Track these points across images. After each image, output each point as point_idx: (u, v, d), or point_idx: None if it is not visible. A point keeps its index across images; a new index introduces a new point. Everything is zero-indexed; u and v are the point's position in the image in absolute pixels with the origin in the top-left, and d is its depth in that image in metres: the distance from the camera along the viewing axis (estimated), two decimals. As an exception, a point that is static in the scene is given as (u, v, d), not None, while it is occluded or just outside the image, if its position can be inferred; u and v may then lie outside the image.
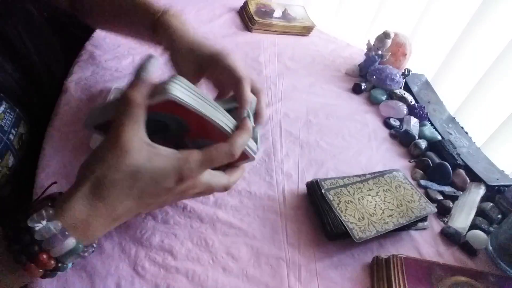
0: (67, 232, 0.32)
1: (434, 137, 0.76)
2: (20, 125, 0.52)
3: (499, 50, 0.90)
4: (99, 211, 0.34)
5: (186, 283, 0.43)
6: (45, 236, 0.31)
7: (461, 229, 0.58)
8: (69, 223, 0.33)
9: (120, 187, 0.34)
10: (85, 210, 0.33)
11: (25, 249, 0.31)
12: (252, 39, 0.93)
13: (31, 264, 0.32)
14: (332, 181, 0.57)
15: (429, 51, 1.08)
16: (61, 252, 0.32)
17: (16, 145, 0.51)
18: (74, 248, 0.33)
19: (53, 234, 0.32)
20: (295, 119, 0.72)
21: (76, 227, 0.33)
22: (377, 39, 0.87)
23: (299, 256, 0.49)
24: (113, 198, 0.34)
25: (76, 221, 0.33)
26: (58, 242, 0.32)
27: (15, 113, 0.51)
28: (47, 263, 0.32)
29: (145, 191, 0.35)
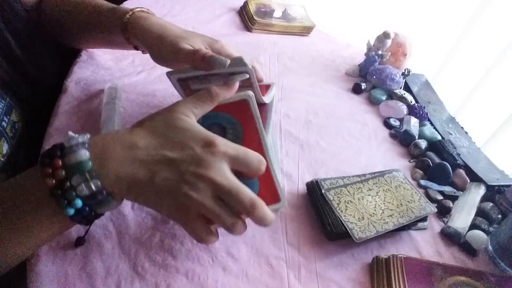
0: (86, 144, 0.34)
1: (434, 137, 0.76)
2: (12, 113, 0.52)
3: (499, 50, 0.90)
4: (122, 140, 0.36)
5: (186, 283, 0.43)
6: (71, 142, 0.34)
7: (461, 229, 0.58)
8: (93, 140, 0.35)
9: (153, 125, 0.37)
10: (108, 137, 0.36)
11: (51, 152, 0.34)
12: (252, 39, 0.93)
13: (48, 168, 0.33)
14: (332, 181, 0.57)
15: (429, 51, 1.08)
16: (73, 161, 0.33)
17: (9, 133, 0.51)
18: (83, 162, 0.33)
19: (76, 142, 0.34)
20: (295, 119, 0.72)
21: (96, 145, 0.35)
22: (377, 39, 0.87)
23: (299, 256, 0.49)
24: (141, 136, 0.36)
25: (99, 141, 0.35)
26: (75, 149, 0.34)
27: (6, 101, 0.51)
28: (58, 169, 0.33)
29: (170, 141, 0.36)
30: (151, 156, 0.35)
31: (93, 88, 0.64)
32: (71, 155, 0.33)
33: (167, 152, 0.36)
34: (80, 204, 0.33)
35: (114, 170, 0.34)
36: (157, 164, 0.35)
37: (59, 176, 0.33)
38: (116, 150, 0.35)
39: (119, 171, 0.34)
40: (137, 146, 0.35)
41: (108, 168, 0.34)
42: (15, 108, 0.53)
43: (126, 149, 0.35)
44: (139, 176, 0.35)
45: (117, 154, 0.35)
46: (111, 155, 0.35)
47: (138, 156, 0.35)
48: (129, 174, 0.35)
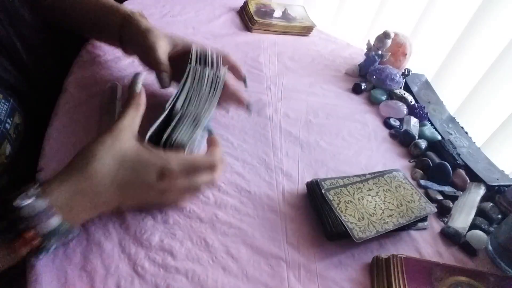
0: (53, 210, 0.34)
1: (434, 137, 0.76)
2: (15, 115, 0.52)
3: (499, 50, 0.90)
4: (84, 190, 0.36)
5: (186, 283, 0.43)
6: (31, 213, 0.33)
7: (461, 229, 0.58)
8: (55, 202, 0.35)
9: (107, 169, 0.37)
10: (70, 188, 0.36)
11: (13, 226, 0.33)
12: (252, 39, 0.93)
13: (18, 241, 0.33)
14: (332, 181, 0.57)
15: (429, 51, 1.08)
16: (47, 230, 0.34)
17: (13, 135, 0.51)
18: (59, 227, 0.35)
19: (39, 211, 0.33)
20: (295, 119, 0.72)
21: (61, 206, 0.35)
22: (377, 39, 0.87)
23: (299, 256, 0.49)
24: (99, 179, 0.37)
25: (62, 200, 0.35)
26: (44, 219, 0.33)
27: (9, 103, 0.51)
28: (33, 239, 0.33)
29: (127, 180, 0.38)
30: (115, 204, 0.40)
31: (93, 88, 0.64)
32: (42, 225, 0.34)
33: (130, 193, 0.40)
34: (54, 247, 0.37)
35: (84, 217, 0.39)
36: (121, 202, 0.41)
37: (36, 245, 0.34)
38: (83, 203, 0.37)
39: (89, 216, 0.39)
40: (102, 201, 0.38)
41: (78, 219, 0.38)
42: (19, 110, 0.53)
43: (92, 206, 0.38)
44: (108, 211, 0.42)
45: (84, 208, 0.38)
46: (78, 210, 0.37)
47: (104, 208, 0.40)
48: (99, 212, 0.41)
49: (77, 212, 0.37)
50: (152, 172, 0.39)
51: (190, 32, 0.88)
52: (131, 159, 0.38)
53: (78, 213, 0.37)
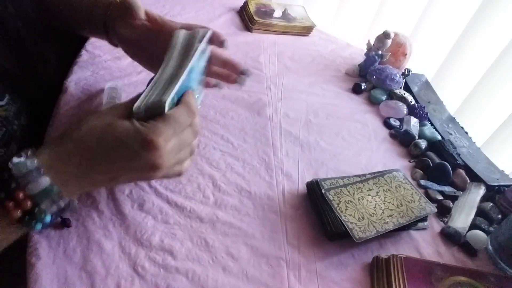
0: (42, 170, 0.34)
1: (434, 137, 0.76)
2: (22, 116, 0.53)
3: (499, 50, 0.90)
4: (72, 155, 0.36)
5: (186, 283, 0.43)
6: (22, 171, 0.34)
7: (461, 229, 0.58)
8: (45, 162, 0.35)
9: (92, 136, 0.37)
10: (59, 152, 0.36)
11: (3, 186, 0.34)
12: (252, 39, 0.93)
13: (9, 202, 0.33)
14: (332, 181, 0.57)
15: (429, 51, 1.08)
16: (36, 190, 0.34)
17: (19, 136, 0.51)
18: (48, 188, 0.35)
19: (29, 170, 0.34)
20: (295, 119, 0.72)
21: (49, 168, 0.35)
22: (377, 39, 0.87)
23: (299, 256, 0.49)
24: (86, 145, 0.37)
25: (50, 162, 0.35)
26: (33, 179, 0.34)
27: (17, 104, 0.51)
28: (22, 201, 0.34)
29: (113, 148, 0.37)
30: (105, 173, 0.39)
31: (93, 88, 0.64)
32: (32, 185, 0.34)
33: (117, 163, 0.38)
34: (49, 219, 0.37)
35: (75, 186, 0.38)
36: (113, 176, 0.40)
37: (26, 207, 0.34)
38: (69, 167, 0.37)
39: (80, 186, 0.38)
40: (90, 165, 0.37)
41: (70, 186, 0.37)
42: (25, 111, 0.53)
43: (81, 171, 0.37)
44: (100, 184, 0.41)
45: (72, 172, 0.37)
46: (68, 175, 0.37)
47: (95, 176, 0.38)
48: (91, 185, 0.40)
49: (67, 178, 0.37)
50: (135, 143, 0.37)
51: (190, 32, 0.88)
52: (118, 131, 0.37)
53: (68, 179, 0.37)
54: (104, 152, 0.37)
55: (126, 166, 0.38)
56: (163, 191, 0.52)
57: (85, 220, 0.46)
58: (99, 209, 0.48)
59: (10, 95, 0.50)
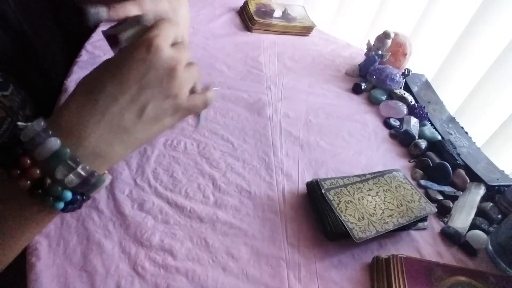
0: (50, 131, 0.30)
1: (434, 137, 0.76)
2: (26, 107, 0.52)
3: (499, 50, 0.90)
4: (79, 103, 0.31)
5: (186, 283, 0.43)
6: (29, 135, 0.29)
7: (461, 229, 0.58)
8: (53, 122, 0.30)
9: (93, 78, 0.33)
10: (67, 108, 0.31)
11: (10, 150, 0.29)
12: (252, 39, 0.93)
13: (16, 170, 0.29)
14: (332, 181, 0.57)
15: (429, 51, 1.08)
16: (45, 155, 0.29)
17: None
18: (59, 151, 0.29)
19: (36, 132, 0.29)
20: (295, 119, 0.72)
21: (60, 126, 0.30)
22: (377, 39, 0.87)
23: (299, 256, 0.49)
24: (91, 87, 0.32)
25: (60, 120, 0.30)
26: (41, 140, 0.29)
27: (21, 95, 0.51)
28: (30, 168, 0.29)
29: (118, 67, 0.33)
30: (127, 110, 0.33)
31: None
32: (40, 148, 0.29)
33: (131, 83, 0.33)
34: (70, 196, 0.31)
35: (93, 147, 0.31)
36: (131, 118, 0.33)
37: (34, 175, 0.29)
38: (86, 123, 0.31)
39: (98, 146, 0.32)
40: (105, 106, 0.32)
41: (86, 147, 0.31)
42: (29, 102, 0.53)
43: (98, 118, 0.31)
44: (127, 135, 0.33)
45: (89, 130, 0.31)
46: (81, 133, 0.31)
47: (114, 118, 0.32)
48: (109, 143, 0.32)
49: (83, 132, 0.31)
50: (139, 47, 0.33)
51: (190, 32, 0.88)
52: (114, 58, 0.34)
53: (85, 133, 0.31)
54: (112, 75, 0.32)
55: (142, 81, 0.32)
56: (163, 191, 0.52)
57: (85, 220, 0.46)
58: (99, 209, 0.48)
59: (14, 85, 0.50)
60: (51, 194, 0.30)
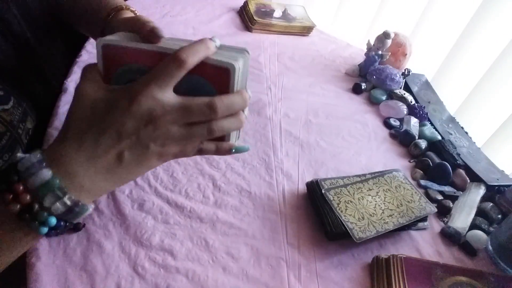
0: (46, 163, 0.33)
1: (434, 137, 0.76)
2: (27, 120, 0.53)
3: (499, 50, 0.90)
4: (68, 142, 0.34)
5: (186, 283, 0.43)
6: (25, 165, 0.33)
7: (461, 229, 0.58)
8: (48, 156, 0.33)
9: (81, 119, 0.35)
10: (57, 147, 0.34)
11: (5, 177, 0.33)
12: (252, 39, 0.93)
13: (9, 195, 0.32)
14: (332, 181, 0.57)
15: (429, 51, 1.08)
16: (37, 184, 0.32)
17: (24, 140, 0.51)
18: (50, 182, 0.32)
19: (32, 163, 0.33)
20: (295, 119, 0.72)
21: (52, 160, 0.33)
22: (377, 39, 0.87)
23: (299, 256, 0.49)
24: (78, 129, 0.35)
25: (53, 155, 0.34)
26: (34, 171, 0.32)
27: (22, 108, 0.52)
28: (21, 194, 0.32)
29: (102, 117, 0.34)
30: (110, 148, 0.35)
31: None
32: (33, 178, 0.32)
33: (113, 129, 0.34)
34: (54, 221, 0.34)
35: (79, 181, 0.34)
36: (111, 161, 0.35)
37: (24, 201, 0.32)
38: (74, 160, 0.34)
39: (84, 181, 0.34)
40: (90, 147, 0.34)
41: (74, 180, 0.34)
42: (30, 114, 0.54)
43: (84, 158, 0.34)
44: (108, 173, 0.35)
45: (76, 167, 0.34)
46: (70, 168, 0.34)
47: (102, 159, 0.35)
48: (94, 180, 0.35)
49: (72, 167, 0.34)
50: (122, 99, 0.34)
51: (190, 32, 0.88)
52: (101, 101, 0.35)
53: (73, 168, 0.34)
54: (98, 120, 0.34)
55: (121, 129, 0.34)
56: (163, 191, 0.52)
57: (85, 220, 0.46)
58: (99, 209, 0.48)
59: (15, 99, 0.50)
60: (37, 219, 0.33)
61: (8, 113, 0.48)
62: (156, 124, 0.35)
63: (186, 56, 0.35)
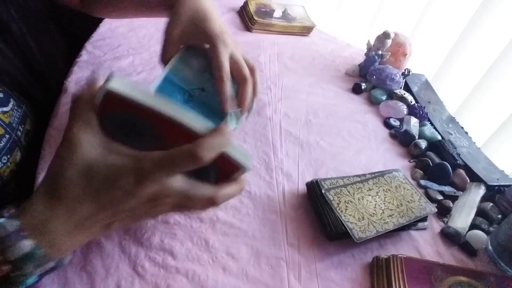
0: (24, 233, 0.30)
1: (434, 137, 0.76)
2: (27, 122, 0.53)
3: (499, 50, 0.90)
4: (57, 210, 0.31)
5: (186, 283, 0.43)
6: (1, 234, 0.30)
7: (461, 229, 0.58)
8: (28, 223, 0.31)
9: (74, 185, 0.32)
10: (43, 210, 0.31)
11: None
12: (252, 39, 0.93)
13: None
14: (332, 181, 0.57)
15: (429, 51, 1.08)
16: (17, 255, 0.30)
17: (23, 142, 0.51)
18: (31, 252, 0.30)
19: (8, 233, 0.30)
20: (295, 119, 0.72)
21: (34, 228, 0.31)
22: (377, 39, 0.87)
23: (299, 256, 0.49)
24: (70, 197, 0.32)
25: (35, 221, 0.31)
26: (13, 242, 0.29)
27: (22, 110, 0.52)
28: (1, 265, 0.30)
29: (101, 190, 0.32)
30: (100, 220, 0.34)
31: (93, 88, 0.64)
32: (12, 249, 0.30)
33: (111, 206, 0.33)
34: (33, 280, 0.32)
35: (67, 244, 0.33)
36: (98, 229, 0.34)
37: (3, 272, 0.30)
38: (60, 224, 0.32)
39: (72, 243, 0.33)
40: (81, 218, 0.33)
41: (59, 247, 0.32)
42: (29, 116, 0.54)
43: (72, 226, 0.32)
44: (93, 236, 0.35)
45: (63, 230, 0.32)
46: (57, 234, 0.32)
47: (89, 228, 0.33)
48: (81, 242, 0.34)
49: (54, 234, 0.32)
50: (128, 176, 0.32)
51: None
52: (100, 168, 0.32)
53: (55, 236, 0.32)
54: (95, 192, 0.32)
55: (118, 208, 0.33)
56: (163, 191, 0.52)
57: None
58: (99, 209, 0.48)
59: (15, 101, 0.50)
60: (16, 283, 0.31)
61: (7, 115, 0.48)
62: (155, 203, 0.34)
63: (204, 155, 0.32)
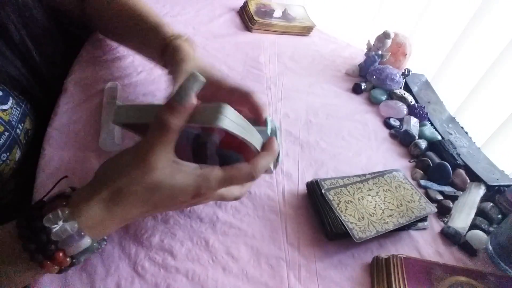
0: (83, 232, 0.34)
1: (434, 137, 0.76)
2: (26, 120, 0.53)
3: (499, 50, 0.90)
4: (115, 214, 0.35)
5: (186, 283, 0.43)
6: (62, 236, 0.33)
7: (461, 229, 0.58)
8: (86, 224, 0.34)
9: (137, 197, 0.35)
10: (101, 214, 0.34)
11: (42, 249, 0.33)
12: (252, 39, 0.93)
13: (48, 262, 0.33)
14: (332, 181, 0.57)
15: (429, 51, 1.08)
16: (77, 251, 0.34)
17: (23, 140, 0.52)
18: (89, 247, 0.35)
19: (69, 234, 0.33)
20: (295, 119, 0.72)
21: (91, 228, 0.34)
22: (377, 39, 0.87)
23: (299, 256, 0.49)
24: (130, 205, 0.35)
25: (93, 223, 0.34)
26: (74, 242, 0.33)
27: (21, 108, 0.52)
28: (63, 261, 0.33)
29: (161, 202, 0.36)
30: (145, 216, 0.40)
31: (93, 88, 0.64)
32: (73, 247, 0.34)
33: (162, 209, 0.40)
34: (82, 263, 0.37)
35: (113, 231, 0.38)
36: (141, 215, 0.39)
37: (66, 264, 0.34)
38: (114, 223, 0.36)
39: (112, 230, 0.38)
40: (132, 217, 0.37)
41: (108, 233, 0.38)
42: (29, 115, 0.54)
43: (122, 222, 0.37)
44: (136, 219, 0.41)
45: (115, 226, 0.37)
46: (110, 228, 0.37)
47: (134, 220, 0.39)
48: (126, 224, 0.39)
49: (108, 230, 0.37)
50: (189, 193, 0.36)
51: (190, 32, 0.88)
52: (166, 187, 0.35)
53: (108, 231, 0.37)
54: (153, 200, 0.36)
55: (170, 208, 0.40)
56: (163, 191, 0.52)
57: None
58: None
59: (14, 99, 0.50)
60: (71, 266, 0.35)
61: (7, 113, 0.49)
62: (200, 198, 0.38)
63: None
